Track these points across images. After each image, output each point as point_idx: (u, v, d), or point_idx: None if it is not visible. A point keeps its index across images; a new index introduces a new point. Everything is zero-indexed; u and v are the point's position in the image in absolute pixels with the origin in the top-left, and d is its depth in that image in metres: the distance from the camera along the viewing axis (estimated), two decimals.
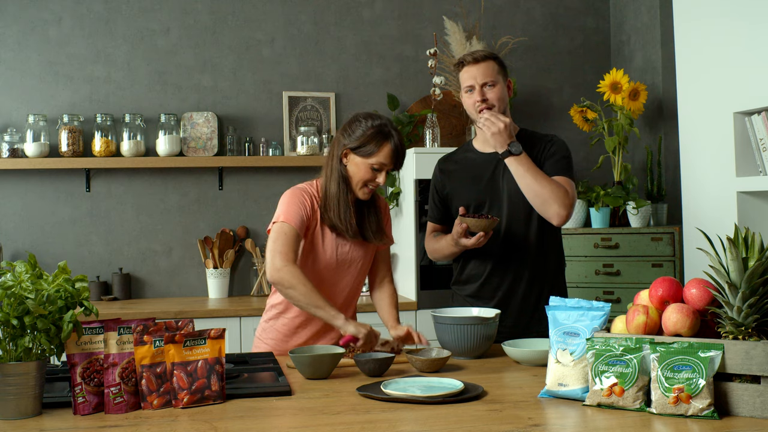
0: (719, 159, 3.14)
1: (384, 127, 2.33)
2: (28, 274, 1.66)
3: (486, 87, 2.51)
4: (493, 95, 2.50)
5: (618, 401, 1.62)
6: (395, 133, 2.34)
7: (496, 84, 2.51)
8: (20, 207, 4.04)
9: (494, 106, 2.50)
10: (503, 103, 2.53)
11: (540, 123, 4.44)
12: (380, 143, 2.31)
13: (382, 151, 2.31)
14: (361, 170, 2.33)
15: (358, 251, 2.44)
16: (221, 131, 4.21)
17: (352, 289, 2.48)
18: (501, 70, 2.54)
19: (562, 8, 4.63)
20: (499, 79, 2.52)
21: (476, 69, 2.51)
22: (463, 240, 2.42)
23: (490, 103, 2.50)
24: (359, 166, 2.33)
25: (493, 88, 2.50)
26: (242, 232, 4.21)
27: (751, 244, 1.59)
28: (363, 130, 2.32)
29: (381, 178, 2.34)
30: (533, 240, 2.52)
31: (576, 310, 1.81)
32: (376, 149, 2.31)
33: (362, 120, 2.34)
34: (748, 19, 2.99)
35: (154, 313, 3.51)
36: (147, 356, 1.73)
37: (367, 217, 2.43)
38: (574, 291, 3.72)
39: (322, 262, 2.40)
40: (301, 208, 2.32)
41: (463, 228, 2.39)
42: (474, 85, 2.51)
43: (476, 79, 2.51)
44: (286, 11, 4.31)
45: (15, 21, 4.04)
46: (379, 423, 1.56)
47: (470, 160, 2.63)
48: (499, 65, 2.54)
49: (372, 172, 2.33)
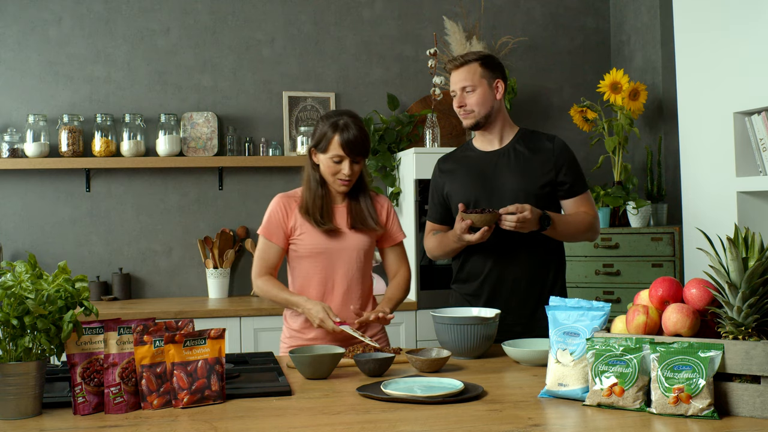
0: (719, 159, 3.14)
1: (336, 121, 2.44)
2: (28, 274, 1.66)
3: (465, 92, 2.54)
4: (472, 100, 2.54)
5: (618, 401, 1.62)
6: (347, 124, 2.43)
7: (476, 88, 2.53)
8: (20, 207, 4.04)
9: (473, 111, 2.54)
10: (484, 108, 2.55)
11: (540, 123, 4.44)
12: (330, 137, 2.43)
13: (332, 143, 2.43)
14: (324, 165, 2.47)
15: (347, 242, 2.50)
16: (221, 131, 4.21)
17: (352, 278, 2.52)
18: (486, 72, 2.55)
19: (562, 8, 4.63)
20: (481, 82, 2.53)
21: (457, 74, 2.56)
22: (467, 236, 2.42)
23: (468, 109, 2.54)
24: (323, 162, 2.47)
25: (473, 93, 2.53)
26: (242, 232, 4.21)
27: (751, 244, 1.59)
28: (319, 128, 2.47)
29: (345, 169, 2.43)
30: (534, 238, 2.52)
31: (576, 310, 1.81)
32: (327, 144, 2.44)
33: (321, 119, 2.50)
34: (748, 19, 2.99)
35: (154, 313, 3.51)
36: (147, 356, 1.73)
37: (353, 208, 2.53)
38: (574, 291, 3.73)
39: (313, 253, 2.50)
40: (275, 217, 2.53)
41: (467, 224, 2.40)
42: (455, 90, 2.56)
43: (457, 84, 2.56)
44: (286, 11, 4.31)
45: (15, 21, 4.04)
46: (379, 423, 1.56)
47: (470, 159, 2.64)
48: (483, 67, 2.54)
49: (334, 165, 2.44)
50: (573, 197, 2.59)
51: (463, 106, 2.55)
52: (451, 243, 2.53)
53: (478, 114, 2.54)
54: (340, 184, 2.47)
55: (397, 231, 2.62)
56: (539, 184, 2.53)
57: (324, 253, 2.49)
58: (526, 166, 2.55)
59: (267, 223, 2.54)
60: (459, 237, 2.44)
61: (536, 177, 2.53)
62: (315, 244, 2.49)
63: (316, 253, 2.49)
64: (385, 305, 2.48)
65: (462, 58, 2.56)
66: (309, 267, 2.51)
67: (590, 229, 2.58)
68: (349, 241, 2.51)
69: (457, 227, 2.44)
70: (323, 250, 2.49)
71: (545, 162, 2.55)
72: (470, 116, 2.56)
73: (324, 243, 2.49)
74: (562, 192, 2.58)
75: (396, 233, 2.62)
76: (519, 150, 2.58)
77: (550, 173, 2.54)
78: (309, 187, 2.52)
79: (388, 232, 2.61)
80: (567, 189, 2.58)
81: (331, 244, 2.49)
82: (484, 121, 2.57)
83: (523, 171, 2.54)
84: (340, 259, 2.50)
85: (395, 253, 2.64)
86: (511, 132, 2.63)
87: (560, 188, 2.57)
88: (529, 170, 2.54)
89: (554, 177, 2.55)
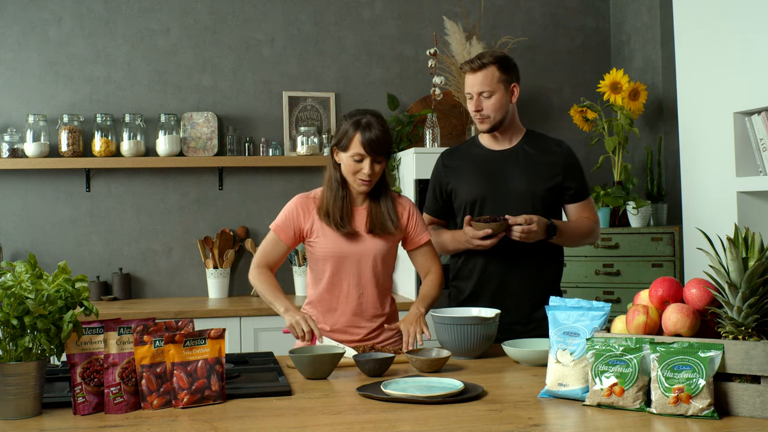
0: (719, 159, 3.14)
1: (359, 119, 2.41)
2: (28, 274, 1.66)
3: (482, 97, 2.53)
4: (489, 105, 2.53)
5: (618, 401, 1.62)
6: (369, 123, 2.39)
7: (493, 93, 2.52)
8: (20, 207, 4.04)
9: (489, 116, 2.53)
10: (500, 113, 2.54)
11: (540, 123, 4.44)
12: (351, 135, 2.39)
13: (353, 141, 2.39)
14: (345, 164, 2.43)
15: (365, 247, 2.47)
16: (221, 131, 4.21)
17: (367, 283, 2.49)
18: (502, 76, 2.54)
19: (562, 8, 4.63)
20: (498, 87, 2.52)
21: (474, 77, 2.54)
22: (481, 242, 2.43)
23: (484, 114, 2.53)
24: (344, 161, 2.43)
25: (489, 99, 2.52)
26: (242, 232, 4.21)
27: (751, 244, 1.59)
28: (342, 127, 2.44)
29: (366, 168, 2.39)
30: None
31: (576, 310, 1.81)
32: (348, 142, 2.40)
33: (344, 118, 2.46)
34: (748, 19, 2.99)
35: (154, 313, 3.51)
36: (147, 356, 1.73)
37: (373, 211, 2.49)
38: (574, 291, 3.73)
39: (328, 256, 2.47)
40: (289, 216, 2.49)
41: (486, 233, 2.40)
42: (472, 94, 2.55)
43: (473, 87, 2.54)
44: (286, 11, 4.31)
45: (15, 21, 4.04)
46: (379, 423, 1.56)
47: (477, 156, 2.64)
48: (501, 71, 2.53)
49: (354, 164, 2.40)
50: (576, 202, 2.62)
51: (480, 110, 2.53)
52: (454, 243, 2.56)
53: (494, 119, 2.54)
54: (361, 184, 2.42)
55: (421, 232, 2.56)
56: (546, 187, 2.55)
57: (340, 257, 2.46)
58: (534, 169, 2.56)
59: (280, 220, 2.51)
60: (470, 241, 2.45)
61: (544, 180, 2.55)
62: (331, 247, 2.46)
63: (331, 256, 2.46)
64: (420, 304, 2.47)
65: (479, 60, 2.52)
66: (325, 269, 2.49)
67: (592, 234, 2.62)
68: (366, 246, 2.47)
69: (470, 233, 2.43)
70: (339, 254, 2.46)
71: (553, 166, 2.57)
72: (486, 121, 2.55)
73: (340, 246, 2.46)
74: (567, 197, 2.61)
75: (420, 235, 2.56)
76: (527, 151, 2.59)
77: (557, 178, 2.56)
78: (330, 187, 2.48)
79: (411, 234, 2.55)
80: (572, 194, 2.60)
81: (347, 248, 2.46)
82: (499, 125, 2.57)
83: (531, 173, 2.55)
84: (356, 264, 2.47)
85: (423, 254, 2.58)
86: (519, 133, 2.63)
87: (566, 193, 2.60)
88: (537, 173, 2.55)
89: (561, 182, 2.57)
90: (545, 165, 2.57)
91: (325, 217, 2.45)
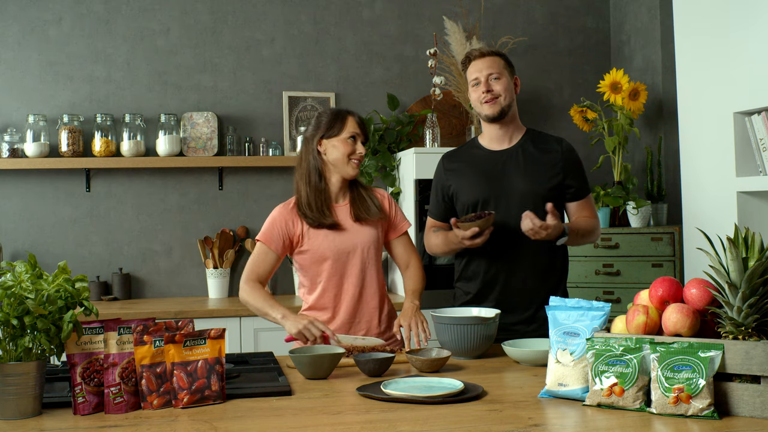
0: (719, 159, 3.14)
1: (339, 109, 2.60)
2: (28, 274, 1.66)
3: (491, 79, 2.53)
4: (499, 87, 2.53)
5: (618, 401, 1.62)
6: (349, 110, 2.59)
7: (501, 76, 2.54)
8: (20, 207, 4.04)
9: (500, 96, 2.53)
10: (509, 94, 2.55)
11: (540, 123, 4.44)
12: (344, 118, 2.54)
13: (347, 123, 2.53)
14: (340, 147, 2.51)
15: (355, 238, 2.51)
16: (221, 131, 4.21)
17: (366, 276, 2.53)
18: (507, 66, 2.59)
19: (562, 8, 4.63)
20: (504, 73, 2.56)
21: (482, 62, 2.56)
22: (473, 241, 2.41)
23: (495, 93, 2.52)
24: (337, 145, 2.51)
25: (499, 80, 2.54)
26: (242, 232, 4.21)
27: (751, 244, 1.59)
28: (325, 118, 2.56)
29: (360, 148, 2.52)
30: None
31: (576, 310, 1.81)
32: (342, 124, 2.53)
33: (320, 114, 2.60)
34: (748, 19, 2.99)
35: (154, 313, 3.51)
36: (147, 356, 1.73)
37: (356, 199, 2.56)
38: (574, 291, 3.72)
39: (323, 257, 2.49)
40: (278, 225, 2.53)
41: (473, 231, 2.39)
42: (480, 78, 2.54)
43: (482, 71, 2.54)
44: (286, 11, 4.31)
45: (15, 21, 4.04)
46: (379, 423, 1.56)
47: (477, 157, 2.63)
48: (505, 61, 2.59)
49: (350, 144, 2.51)
50: (577, 200, 2.61)
51: (491, 90, 2.52)
52: (450, 243, 2.54)
53: (503, 100, 2.54)
54: (354, 166, 2.51)
55: (401, 220, 2.65)
56: (548, 187, 2.53)
57: (333, 254, 2.49)
58: (534, 168, 2.55)
59: (268, 230, 2.52)
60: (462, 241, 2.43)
61: (545, 179, 2.54)
62: (324, 246, 2.49)
63: (325, 256, 2.49)
64: (413, 297, 2.54)
65: (485, 48, 2.62)
66: (320, 271, 2.51)
67: (594, 233, 2.62)
68: (357, 238, 2.51)
69: (459, 234, 2.42)
70: (332, 251, 2.49)
71: (554, 164, 2.56)
72: (496, 102, 2.53)
73: (332, 243, 2.49)
74: (568, 195, 2.60)
75: (401, 222, 2.64)
76: (528, 150, 2.58)
77: (558, 176, 2.55)
78: (308, 181, 2.53)
79: (393, 221, 2.62)
80: (573, 192, 2.59)
81: (339, 243, 2.50)
82: (507, 110, 2.56)
83: (532, 172, 2.54)
84: (352, 259, 2.51)
85: (403, 244, 2.65)
86: (519, 132, 2.63)
87: (567, 191, 2.59)
88: (538, 172, 2.55)
89: (562, 180, 2.56)
90: (546, 163, 2.56)
91: (307, 209, 2.50)
